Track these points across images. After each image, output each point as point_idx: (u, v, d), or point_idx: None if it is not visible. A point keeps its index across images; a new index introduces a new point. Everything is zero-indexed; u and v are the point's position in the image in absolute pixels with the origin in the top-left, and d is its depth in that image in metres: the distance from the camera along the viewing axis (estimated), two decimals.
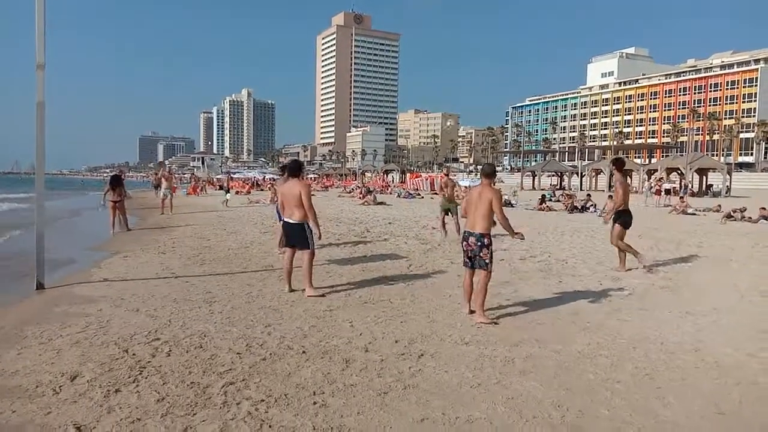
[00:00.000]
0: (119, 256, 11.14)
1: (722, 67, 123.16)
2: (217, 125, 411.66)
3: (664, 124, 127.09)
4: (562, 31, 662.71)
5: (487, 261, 6.38)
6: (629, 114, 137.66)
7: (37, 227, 8.38)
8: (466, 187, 39.49)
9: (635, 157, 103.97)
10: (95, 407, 4.00)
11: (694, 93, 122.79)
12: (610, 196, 20.39)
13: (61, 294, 7.78)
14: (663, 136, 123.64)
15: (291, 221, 7.65)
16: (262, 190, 46.19)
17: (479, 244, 6.37)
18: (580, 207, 25.10)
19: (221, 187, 56.94)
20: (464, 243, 6.55)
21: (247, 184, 52.95)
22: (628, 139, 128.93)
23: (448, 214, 14.01)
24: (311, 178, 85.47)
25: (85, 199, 35.65)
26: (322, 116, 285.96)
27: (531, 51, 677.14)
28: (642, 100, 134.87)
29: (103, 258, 11.17)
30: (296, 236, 7.70)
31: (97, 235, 16.49)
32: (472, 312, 6.54)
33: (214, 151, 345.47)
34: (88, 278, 8.93)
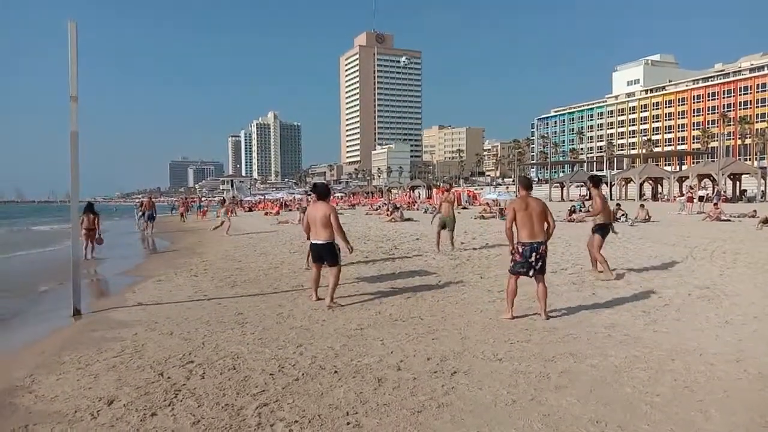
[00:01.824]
0: (152, 280, 11.31)
1: (752, 69, 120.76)
2: (245, 148, 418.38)
3: (693, 130, 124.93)
4: (585, 40, 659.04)
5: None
6: (657, 121, 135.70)
7: (73, 254, 8.57)
8: (493, 200, 39.27)
9: (665, 165, 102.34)
10: (132, 431, 4.05)
11: (724, 97, 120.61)
12: (642, 206, 19.94)
13: (97, 319, 7.92)
14: (693, 143, 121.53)
15: (319, 242, 7.96)
16: (290, 210, 46.53)
17: (546, 250, 6.91)
18: None
19: (250, 209, 57.69)
20: (534, 254, 6.80)
21: (276, 205, 53.43)
22: (657, 146, 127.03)
23: (444, 229, 14.25)
24: (338, 197, 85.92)
25: (117, 224, 36.41)
26: (347, 135, 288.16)
27: (555, 61, 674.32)
28: (670, 106, 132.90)
29: (136, 282, 11.36)
30: (325, 254, 8.07)
31: (131, 259, 16.80)
32: (514, 318, 6.95)
33: (243, 173, 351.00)
34: (122, 303, 9.08)
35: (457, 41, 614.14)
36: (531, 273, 6.85)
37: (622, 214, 24.72)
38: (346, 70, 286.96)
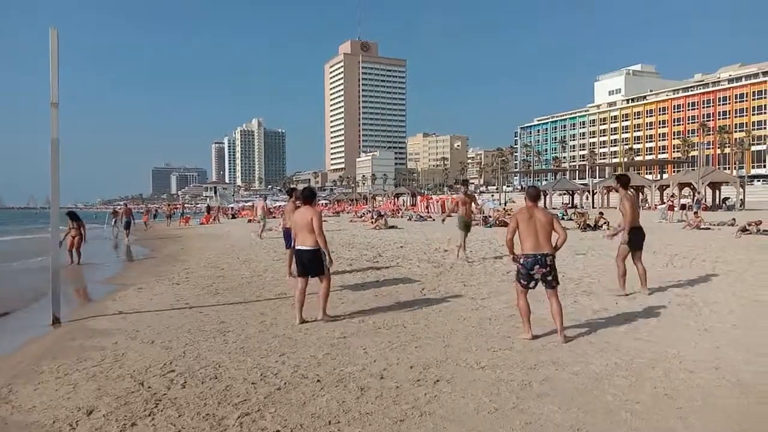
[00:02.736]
0: (133, 288, 11.20)
1: (730, 80, 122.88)
2: (229, 155, 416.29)
3: (674, 139, 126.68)
4: (567, 50, 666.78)
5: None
6: (638, 130, 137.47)
7: (52, 262, 8.47)
8: (477, 208, 39.41)
9: (647, 173, 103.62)
10: None
11: (703, 107, 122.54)
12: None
13: (77, 328, 7.82)
14: (673, 151, 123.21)
15: (304, 248, 7.53)
16: (274, 217, 46.41)
17: (553, 262, 6.64)
18: (592, 225, 24.96)
19: (233, 216, 57.41)
20: (538, 266, 6.53)
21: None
22: (638, 155, 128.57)
23: (466, 231, 13.65)
24: (323, 204, 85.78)
25: (98, 232, 35.94)
26: (331, 142, 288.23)
27: (537, 70, 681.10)
28: (651, 116, 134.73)
29: (117, 290, 11.24)
30: (311, 263, 7.58)
31: (111, 267, 16.62)
32: (535, 337, 6.55)
33: (226, 180, 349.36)
34: (103, 311, 8.98)
35: (441, 50, 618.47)
36: (532, 285, 6.64)
37: (604, 222, 24.97)
38: (331, 78, 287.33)
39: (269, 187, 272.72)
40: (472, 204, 14.12)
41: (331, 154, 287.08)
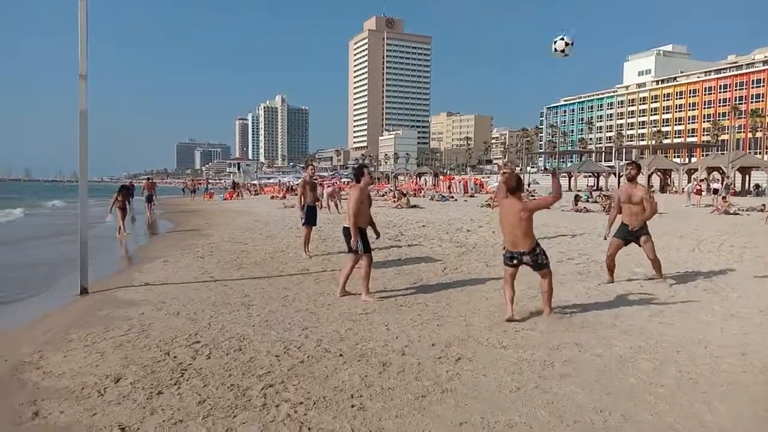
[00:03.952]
0: (159, 261, 11.37)
1: (765, 62, 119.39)
2: (253, 131, 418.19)
3: (704, 122, 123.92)
4: (598, 29, 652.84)
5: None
6: (667, 113, 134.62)
7: (81, 233, 8.62)
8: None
9: (675, 157, 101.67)
10: (138, 409, 4.09)
11: (736, 90, 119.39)
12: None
13: (104, 298, 7.98)
14: (703, 135, 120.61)
15: (344, 225, 7.69)
16: (296, 195, 46.64)
17: (535, 254, 6.47)
18: None
19: (256, 193, 57.82)
20: (516, 261, 6.49)
21: (283, 189, 53.50)
22: (666, 138, 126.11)
23: None
24: (344, 182, 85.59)
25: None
26: (354, 120, 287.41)
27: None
28: (681, 98, 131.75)
29: (143, 262, 11.42)
30: (344, 237, 7.71)
31: (137, 239, 16.90)
32: (510, 320, 6.40)
33: (249, 156, 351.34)
34: (129, 282, 9.14)
35: (467, 29, 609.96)
36: (514, 262, 6.41)
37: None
38: (355, 55, 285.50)
39: (291, 164, 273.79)
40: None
41: (354, 131, 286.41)
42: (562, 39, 7.34)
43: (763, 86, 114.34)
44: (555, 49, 7.40)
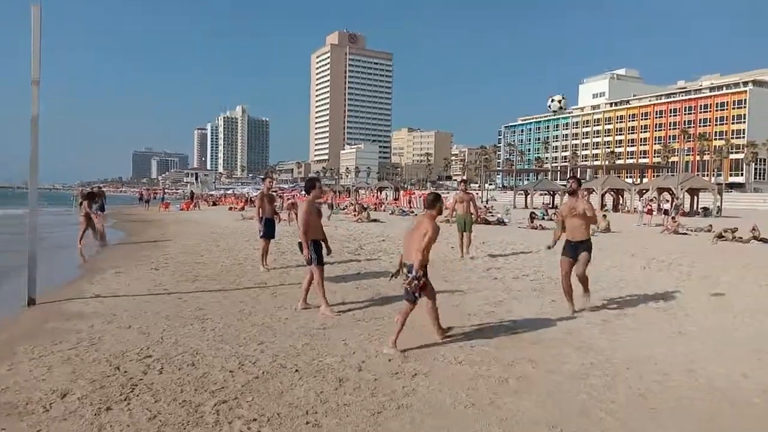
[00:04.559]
0: (111, 272, 11.06)
1: (711, 89, 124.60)
2: (212, 142, 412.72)
3: (655, 144, 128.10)
4: (554, 51, 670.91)
5: (414, 293, 5.92)
6: (620, 134, 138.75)
7: (30, 243, 8.34)
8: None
9: (627, 177, 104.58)
10: (86, 425, 3.97)
11: (685, 114, 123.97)
12: (604, 216, 19.85)
13: (53, 310, 7.72)
14: (654, 156, 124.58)
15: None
16: (254, 206, 46.11)
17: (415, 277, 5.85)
18: None
19: (214, 203, 56.97)
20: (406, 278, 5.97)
21: (241, 200, 52.86)
22: (619, 158, 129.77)
23: (464, 231, 13.55)
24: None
25: (67, 218, 35.39)
26: (316, 133, 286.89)
27: (523, 71, 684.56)
28: (633, 120, 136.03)
29: (94, 273, 11.10)
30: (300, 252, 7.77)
31: (89, 249, 16.42)
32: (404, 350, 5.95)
33: (208, 167, 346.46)
34: (80, 294, 8.86)
35: (428, 47, 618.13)
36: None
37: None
38: (317, 68, 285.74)
39: (251, 175, 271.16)
40: (471, 204, 13.92)
41: (316, 144, 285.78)
42: (557, 98, 7.51)
43: (710, 111, 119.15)
44: (550, 105, 7.56)
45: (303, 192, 9.40)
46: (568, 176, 10.25)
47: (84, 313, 7.44)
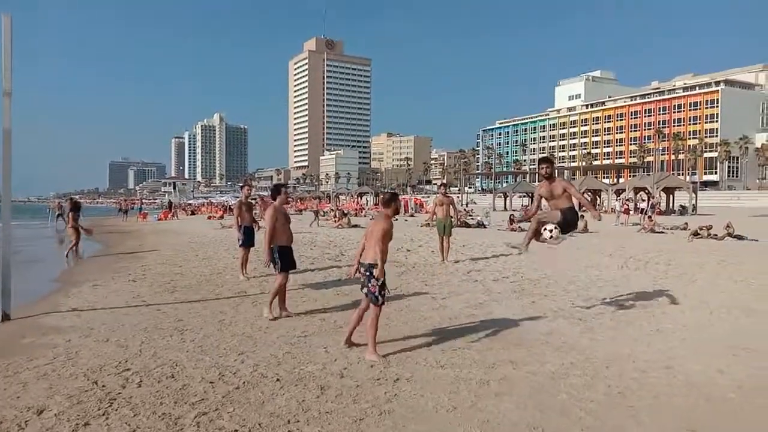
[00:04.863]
0: (88, 285, 10.91)
1: (685, 89, 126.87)
2: (189, 150, 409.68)
3: (630, 144, 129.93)
4: (530, 54, 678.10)
5: (375, 294, 5.86)
6: (597, 135, 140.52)
7: (3, 256, 8.19)
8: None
9: (604, 178, 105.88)
10: None
11: (659, 114, 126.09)
12: (582, 216, 20.01)
13: (28, 325, 7.58)
14: (630, 157, 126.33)
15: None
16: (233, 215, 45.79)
17: (368, 274, 5.89)
18: None
19: (193, 213, 56.48)
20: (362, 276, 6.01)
21: (220, 209, 52.46)
22: (596, 159, 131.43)
23: (444, 235, 13.57)
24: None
25: (43, 231, 34.88)
26: (295, 140, 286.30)
27: (500, 74, 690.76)
28: (609, 121, 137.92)
29: (71, 286, 10.93)
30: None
31: (63, 263, 16.17)
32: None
33: (186, 176, 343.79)
34: (56, 308, 8.72)
35: (406, 52, 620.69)
36: (365, 290, 5.99)
37: None
38: (295, 75, 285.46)
39: (229, 183, 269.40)
40: (451, 207, 13.98)
41: (295, 151, 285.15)
42: (550, 230, 7.44)
43: (684, 111, 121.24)
44: (545, 237, 7.59)
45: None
46: (537, 160, 9.25)
47: (61, 328, 7.32)
